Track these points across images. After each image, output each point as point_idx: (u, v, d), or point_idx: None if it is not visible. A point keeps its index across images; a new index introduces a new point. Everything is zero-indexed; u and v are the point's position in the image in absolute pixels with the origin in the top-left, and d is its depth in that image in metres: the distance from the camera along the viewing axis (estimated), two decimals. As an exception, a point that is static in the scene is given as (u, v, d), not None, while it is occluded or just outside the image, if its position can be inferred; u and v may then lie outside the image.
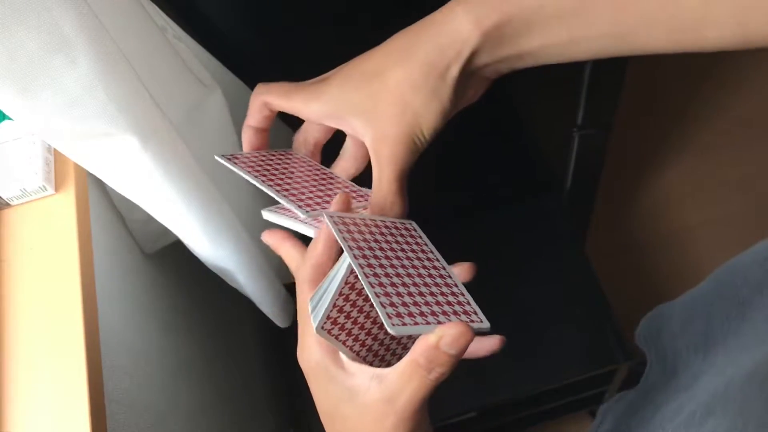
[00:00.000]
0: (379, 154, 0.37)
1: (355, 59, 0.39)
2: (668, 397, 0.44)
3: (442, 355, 0.29)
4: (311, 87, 0.39)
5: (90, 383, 0.49)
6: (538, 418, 1.19)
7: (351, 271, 0.33)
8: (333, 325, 0.33)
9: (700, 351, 0.45)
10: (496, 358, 1.01)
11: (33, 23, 0.39)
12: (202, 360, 0.84)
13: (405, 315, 0.30)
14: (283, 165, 0.42)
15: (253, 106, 0.42)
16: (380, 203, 0.38)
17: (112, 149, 0.50)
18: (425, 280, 0.34)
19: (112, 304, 0.62)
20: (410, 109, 0.36)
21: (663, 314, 0.52)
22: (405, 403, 0.31)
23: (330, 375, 0.34)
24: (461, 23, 0.35)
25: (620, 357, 1.01)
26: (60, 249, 0.55)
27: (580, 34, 0.34)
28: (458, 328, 0.29)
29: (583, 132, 1.03)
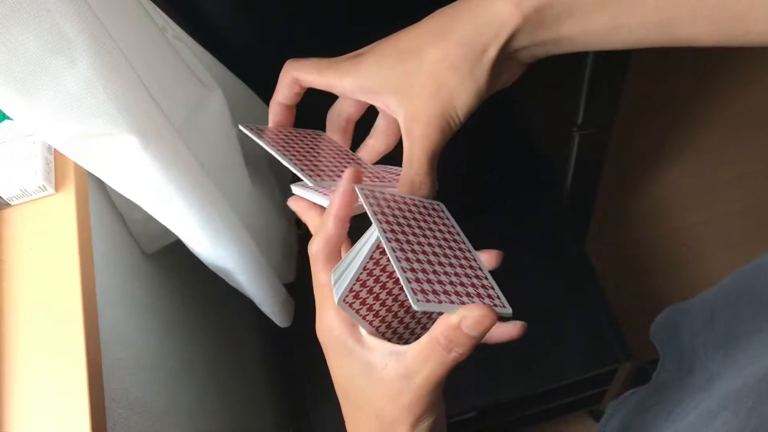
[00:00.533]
0: (411, 133, 0.37)
1: (391, 36, 0.39)
2: (682, 397, 0.44)
3: (463, 336, 0.29)
4: (345, 62, 0.39)
5: (90, 383, 0.49)
6: (538, 418, 1.19)
7: (377, 247, 0.33)
8: (355, 299, 0.33)
9: (720, 349, 0.44)
10: (496, 358, 1.00)
11: (33, 23, 0.39)
12: (202, 360, 0.84)
13: (429, 292, 0.31)
14: (308, 143, 0.42)
15: (283, 82, 0.41)
16: (410, 181, 0.38)
17: (112, 149, 0.50)
18: (450, 261, 0.34)
19: (112, 304, 0.62)
20: (445, 90, 0.36)
21: (681, 311, 0.52)
22: (422, 381, 0.31)
23: (348, 348, 0.34)
24: (502, 5, 0.34)
25: (620, 357, 1.01)
26: (60, 249, 0.55)
27: (622, 21, 0.34)
28: (481, 310, 0.29)
29: (583, 131, 1.03)
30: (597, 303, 1.06)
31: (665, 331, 0.55)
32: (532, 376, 1.02)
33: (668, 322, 0.54)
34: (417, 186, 0.38)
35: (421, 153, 0.37)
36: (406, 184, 0.38)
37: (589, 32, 0.35)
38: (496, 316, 0.30)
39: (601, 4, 0.34)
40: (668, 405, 0.45)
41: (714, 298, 0.47)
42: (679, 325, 0.52)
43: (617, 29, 0.34)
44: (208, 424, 0.80)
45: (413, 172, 0.37)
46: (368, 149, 0.44)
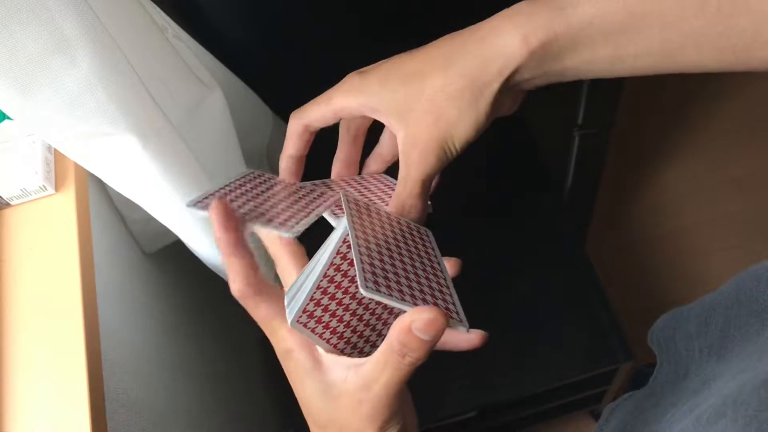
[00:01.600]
0: (408, 156, 0.37)
1: (397, 57, 0.39)
2: (677, 399, 0.44)
3: (416, 340, 0.29)
4: (349, 81, 0.39)
5: (90, 383, 0.49)
6: (538, 418, 1.19)
7: (331, 264, 0.33)
8: (309, 318, 0.32)
9: (714, 354, 0.44)
10: (496, 358, 1.00)
11: (33, 23, 0.39)
12: (201, 360, 0.84)
13: (382, 284, 0.30)
14: (258, 191, 0.40)
15: (294, 133, 0.41)
16: (401, 203, 0.38)
17: (112, 149, 0.50)
18: (416, 270, 0.34)
19: (112, 303, 0.62)
20: (443, 119, 0.36)
21: (679, 315, 0.52)
22: (380, 389, 0.31)
23: (305, 370, 0.34)
24: (508, 39, 0.34)
25: (620, 357, 1.01)
26: (60, 249, 0.55)
27: (627, 51, 0.34)
28: (431, 313, 0.29)
29: (583, 132, 1.03)
30: (597, 303, 1.06)
31: (662, 335, 0.55)
32: (533, 376, 1.02)
33: (665, 326, 0.55)
34: (407, 208, 0.38)
35: (416, 176, 0.37)
36: (397, 205, 0.38)
37: (593, 62, 0.35)
38: (446, 320, 0.29)
39: (606, 35, 0.34)
40: (662, 407, 0.45)
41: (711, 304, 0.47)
42: (676, 330, 0.52)
43: (621, 58, 0.35)
44: (208, 423, 0.80)
45: (405, 194, 0.38)
46: (375, 158, 0.44)
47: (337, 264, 0.33)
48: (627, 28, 0.33)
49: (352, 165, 0.44)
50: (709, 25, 0.32)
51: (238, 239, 0.34)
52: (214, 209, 0.34)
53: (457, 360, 0.94)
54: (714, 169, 1.61)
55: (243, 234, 0.35)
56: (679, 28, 0.33)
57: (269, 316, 0.35)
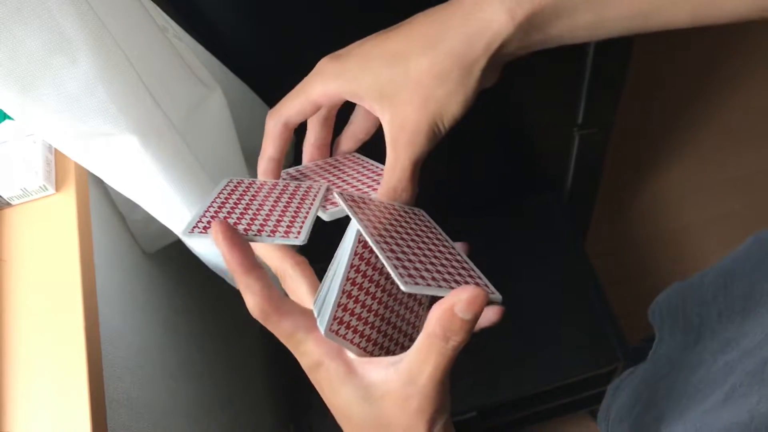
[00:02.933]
0: (396, 140, 0.36)
1: (374, 37, 0.38)
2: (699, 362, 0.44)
3: (458, 321, 0.29)
4: (326, 67, 0.38)
5: (90, 383, 0.49)
6: (538, 418, 1.19)
7: (351, 266, 0.33)
8: (340, 325, 0.32)
9: (738, 314, 0.44)
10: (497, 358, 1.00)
11: (33, 23, 0.39)
12: (201, 359, 0.84)
13: (417, 276, 0.30)
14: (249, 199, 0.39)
15: (272, 134, 0.40)
16: (392, 188, 0.38)
17: (113, 149, 0.50)
18: (435, 254, 0.34)
19: (112, 303, 0.62)
20: (433, 99, 0.35)
21: (689, 285, 0.52)
22: (427, 380, 0.30)
23: (340, 378, 0.33)
24: (494, 13, 0.34)
25: (620, 357, 1.01)
26: (60, 249, 0.55)
27: (607, 15, 0.34)
28: (472, 291, 0.29)
29: (583, 132, 1.03)
30: (597, 303, 1.06)
31: (667, 309, 0.55)
32: (533, 376, 1.02)
33: (672, 299, 0.54)
34: (399, 193, 0.38)
35: (406, 160, 0.37)
36: (389, 191, 0.38)
37: (575, 29, 0.35)
38: (486, 296, 0.29)
39: (587, 1, 0.34)
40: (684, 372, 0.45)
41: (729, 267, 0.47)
42: (686, 300, 0.51)
43: (601, 23, 0.35)
44: (208, 423, 0.80)
45: (395, 179, 0.37)
46: (348, 136, 0.43)
47: (357, 266, 0.33)
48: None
49: (323, 147, 0.43)
50: None
51: (248, 257, 0.33)
52: (217, 231, 0.32)
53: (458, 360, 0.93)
54: (714, 169, 1.61)
55: (251, 249, 0.34)
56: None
57: (292, 330, 0.33)
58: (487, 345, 1.06)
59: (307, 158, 0.43)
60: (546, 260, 1.12)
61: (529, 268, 1.11)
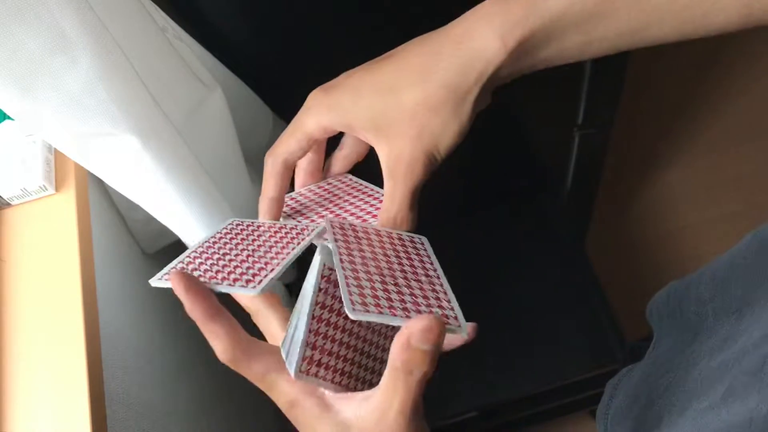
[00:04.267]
0: (393, 171, 0.36)
1: (365, 69, 0.38)
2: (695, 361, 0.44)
3: (418, 353, 0.28)
4: (316, 101, 0.38)
5: (90, 383, 0.49)
6: (538, 418, 1.19)
7: (317, 303, 0.32)
8: (310, 365, 0.32)
9: (734, 312, 0.44)
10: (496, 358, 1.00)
11: (33, 23, 0.39)
12: (202, 360, 0.84)
13: (371, 304, 0.29)
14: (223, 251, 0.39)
15: (272, 174, 0.39)
16: (392, 217, 0.38)
17: (113, 149, 0.50)
18: (410, 282, 0.33)
19: (112, 304, 0.62)
20: (427, 131, 0.35)
21: (686, 284, 0.52)
22: (397, 414, 0.30)
23: (315, 416, 0.33)
24: (486, 41, 0.34)
25: (620, 357, 1.01)
26: (60, 249, 0.55)
27: (595, 35, 0.34)
28: (424, 321, 0.28)
29: (583, 132, 1.03)
30: (597, 303, 1.06)
31: (665, 308, 0.55)
32: (532, 376, 1.02)
33: (669, 298, 0.54)
34: (399, 222, 0.38)
35: (404, 191, 0.37)
36: (388, 220, 0.38)
37: (564, 50, 0.35)
38: (442, 325, 0.28)
39: (578, 24, 0.34)
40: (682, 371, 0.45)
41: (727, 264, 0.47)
42: (683, 298, 0.51)
43: (591, 43, 0.35)
44: (208, 423, 0.80)
45: (395, 208, 0.37)
46: (340, 160, 0.43)
47: (321, 301, 0.32)
48: (596, 14, 0.34)
49: (316, 172, 0.43)
50: (671, 1, 0.33)
51: (209, 304, 0.33)
52: (175, 281, 0.33)
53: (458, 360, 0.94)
54: (714, 169, 1.61)
55: (213, 297, 0.33)
56: (644, 7, 0.33)
57: (263, 372, 0.34)
58: (487, 345, 1.06)
59: (300, 183, 0.44)
60: (546, 260, 1.12)
61: (529, 268, 1.11)
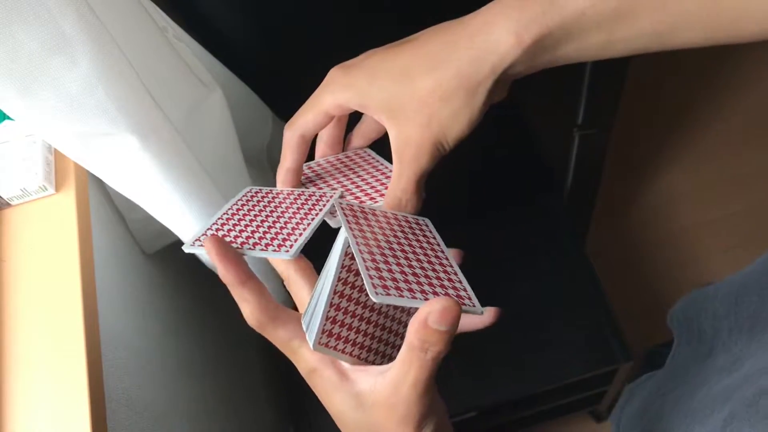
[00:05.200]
0: (401, 154, 0.37)
1: (381, 51, 0.38)
2: (705, 378, 0.44)
3: (434, 333, 0.29)
4: (334, 79, 0.39)
5: (90, 383, 0.49)
6: (538, 418, 1.19)
7: (338, 279, 0.33)
8: (329, 337, 0.33)
9: (744, 333, 0.44)
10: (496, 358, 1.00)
11: (33, 23, 0.39)
12: (201, 360, 0.84)
13: (391, 287, 0.31)
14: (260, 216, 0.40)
15: (290, 146, 0.41)
16: (397, 199, 0.38)
17: (113, 149, 0.50)
18: (423, 264, 0.34)
19: (112, 304, 0.62)
20: (437, 119, 0.36)
21: (705, 295, 0.52)
22: (410, 389, 0.31)
23: (334, 386, 0.34)
24: (501, 36, 0.34)
25: (620, 357, 1.01)
26: (60, 249, 0.55)
27: (618, 36, 0.34)
28: (442, 303, 0.29)
29: (583, 132, 1.03)
30: (597, 304, 1.06)
31: (684, 315, 0.55)
32: (532, 376, 1.02)
33: (688, 306, 0.55)
34: (403, 204, 0.39)
35: (410, 174, 0.37)
36: (393, 201, 0.38)
37: (584, 49, 0.35)
38: (459, 307, 0.29)
39: (599, 23, 0.33)
40: (691, 387, 0.45)
41: (741, 282, 0.47)
42: (701, 310, 0.52)
43: (613, 43, 0.34)
44: (208, 424, 0.80)
45: (400, 190, 0.38)
46: (360, 134, 0.44)
47: (344, 278, 0.34)
48: (619, 14, 0.33)
49: (335, 145, 0.44)
50: (700, 5, 0.32)
51: (241, 269, 0.34)
52: (210, 247, 0.34)
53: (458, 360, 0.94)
54: (714, 169, 1.61)
55: (245, 262, 0.35)
56: (670, 10, 0.33)
57: (288, 338, 0.35)
58: (487, 345, 1.06)
59: (319, 154, 0.45)
60: (546, 260, 1.12)
61: (529, 268, 1.11)
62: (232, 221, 0.39)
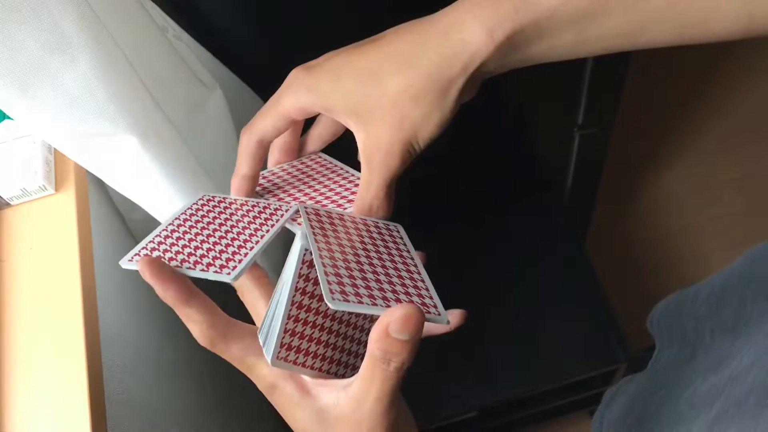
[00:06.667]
0: (370, 159, 0.36)
1: (347, 51, 0.37)
2: (690, 380, 0.44)
3: (396, 343, 0.27)
4: (296, 81, 0.37)
5: (90, 383, 0.49)
6: (538, 418, 1.19)
7: (296, 290, 0.32)
8: (288, 351, 0.31)
9: (728, 333, 0.44)
10: (497, 358, 1.00)
11: (33, 23, 0.39)
12: (202, 360, 0.84)
13: (351, 294, 0.29)
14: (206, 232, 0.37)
15: (246, 152, 0.38)
16: (367, 205, 0.37)
17: (113, 149, 0.50)
18: (388, 271, 0.32)
19: (112, 304, 0.62)
20: (408, 120, 0.35)
21: (684, 297, 0.52)
22: (374, 404, 0.30)
23: (294, 402, 0.33)
24: (472, 34, 0.33)
25: (620, 357, 1.01)
26: (60, 249, 0.55)
27: (589, 35, 0.34)
28: (404, 310, 0.27)
29: (583, 132, 1.03)
30: (597, 303, 1.06)
31: (664, 318, 0.54)
32: (532, 376, 1.02)
33: (668, 309, 0.54)
34: (374, 210, 0.37)
35: (380, 179, 0.36)
36: (364, 207, 0.37)
37: (556, 48, 0.34)
38: (421, 314, 0.28)
39: (570, 21, 0.33)
40: (676, 389, 0.44)
41: (721, 283, 0.47)
42: (683, 312, 0.51)
43: (584, 42, 0.34)
44: (208, 424, 0.80)
45: (371, 196, 0.37)
46: (315, 139, 0.42)
47: (302, 287, 0.32)
48: (590, 12, 0.33)
49: (290, 152, 0.43)
50: (670, 4, 0.32)
51: (182, 287, 0.32)
52: (142, 267, 0.32)
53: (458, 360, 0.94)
54: (714, 169, 1.61)
55: (186, 278, 0.33)
56: (641, 9, 0.33)
57: (243, 354, 0.33)
58: (487, 345, 1.06)
59: (273, 161, 0.43)
60: (546, 260, 1.12)
61: (529, 268, 1.11)
62: (177, 233, 0.36)
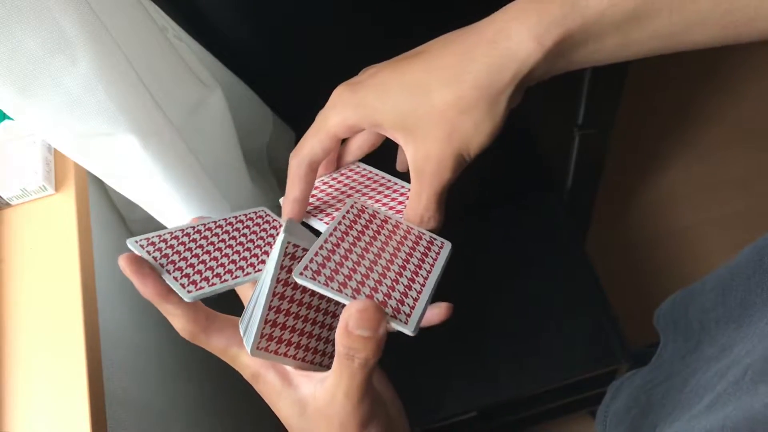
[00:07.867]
0: (421, 171, 0.36)
1: (391, 66, 0.37)
2: (693, 370, 0.44)
3: (357, 339, 0.27)
4: (341, 98, 0.37)
5: (90, 383, 0.49)
6: (538, 418, 1.19)
7: (277, 281, 0.32)
8: (269, 341, 0.32)
9: (732, 322, 0.44)
10: (497, 358, 1.00)
11: (33, 23, 0.39)
12: (202, 360, 0.84)
13: (322, 276, 0.29)
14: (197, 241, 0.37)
15: (297, 176, 0.38)
16: (418, 216, 0.37)
17: (113, 149, 0.50)
18: (387, 273, 0.32)
19: (112, 304, 0.62)
20: (458, 132, 0.35)
21: (692, 292, 0.52)
22: (342, 399, 0.30)
23: (277, 392, 0.33)
24: (520, 41, 0.33)
25: (620, 357, 1.01)
26: (60, 249, 0.55)
27: (633, 38, 0.33)
28: (361, 304, 0.27)
29: (583, 132, 1.03)
30: (597, 303, 1.06)
31: (671, 315, 0.55)
32: (533, 376, 1.02)
33: (676, 305, 0.54)
34: (426, 221, 0.37)
35: (431, 191, 0.36)
36: (415, 218, 0.37)
37: (600, 52, 0.34)
38: (379, 310, 0.27)
39: (616, 24, 0.33)
40: (681, 379, 0.45)
41: (729, 275, 0.47)
42: (689, 307, 0.51)
43: (628, 45, 0.34)
44: (208, 423, 0.80)
45: (422, 207, 0.37)
46: (353, 149, 0.42)
47: (283, 279, 0.32)
48: (636, 15, 0.32)
49: (331, 164, 0.43)
50: (714, 5, 0.32)
51: (160, 284, 0.33)
52: (123, 265, 0.33)
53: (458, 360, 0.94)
54: (714, 169, 1.61)
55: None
56: (685, 11, 0.32)
57: (225, 345, 0.34)
58: (487, 345, 1.06)
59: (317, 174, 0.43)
60: (546, 260, 1.12)
61: (530, 268, 1.11)
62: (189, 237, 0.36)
